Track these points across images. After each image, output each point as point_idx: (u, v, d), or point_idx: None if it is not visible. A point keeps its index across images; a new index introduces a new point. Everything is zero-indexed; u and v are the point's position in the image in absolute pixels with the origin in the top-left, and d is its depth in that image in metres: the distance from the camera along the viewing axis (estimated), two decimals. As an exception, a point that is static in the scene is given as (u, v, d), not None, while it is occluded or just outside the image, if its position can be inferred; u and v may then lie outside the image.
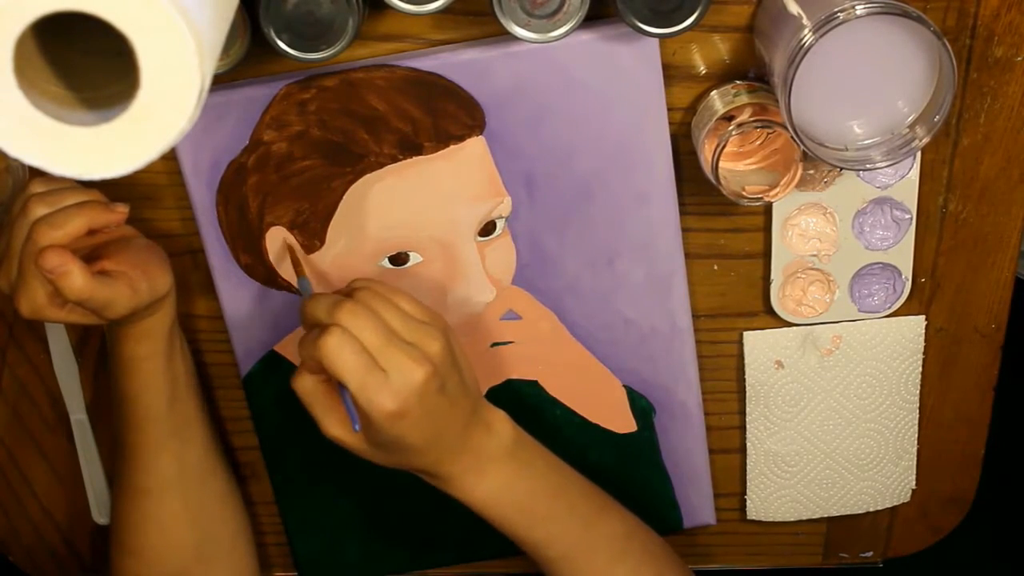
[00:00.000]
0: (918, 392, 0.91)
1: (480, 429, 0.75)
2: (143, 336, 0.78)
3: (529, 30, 0.71)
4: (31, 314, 0.73)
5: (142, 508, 0.85)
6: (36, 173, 0.78)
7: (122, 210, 0.75)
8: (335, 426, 0.72)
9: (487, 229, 0.83)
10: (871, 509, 0.96)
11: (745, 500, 0.96)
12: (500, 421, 0.77)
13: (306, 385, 0.72)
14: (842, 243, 0.84)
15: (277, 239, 0.83)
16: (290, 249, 0.83)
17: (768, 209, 0.83)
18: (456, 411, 0.73)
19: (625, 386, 0.89)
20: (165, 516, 0.85)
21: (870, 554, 1.01)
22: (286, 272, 0.84)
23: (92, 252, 0.75)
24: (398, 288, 0.74)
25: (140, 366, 0.80)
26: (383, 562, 0.96)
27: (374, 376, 0.68)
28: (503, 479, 0.77)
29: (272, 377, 0.88)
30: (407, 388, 0.69)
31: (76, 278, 0.70)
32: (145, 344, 0.79)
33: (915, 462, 0.94)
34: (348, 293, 0.72)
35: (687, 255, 0.85)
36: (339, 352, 0.67)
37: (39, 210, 0.72)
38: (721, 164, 0.75)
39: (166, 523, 0.85)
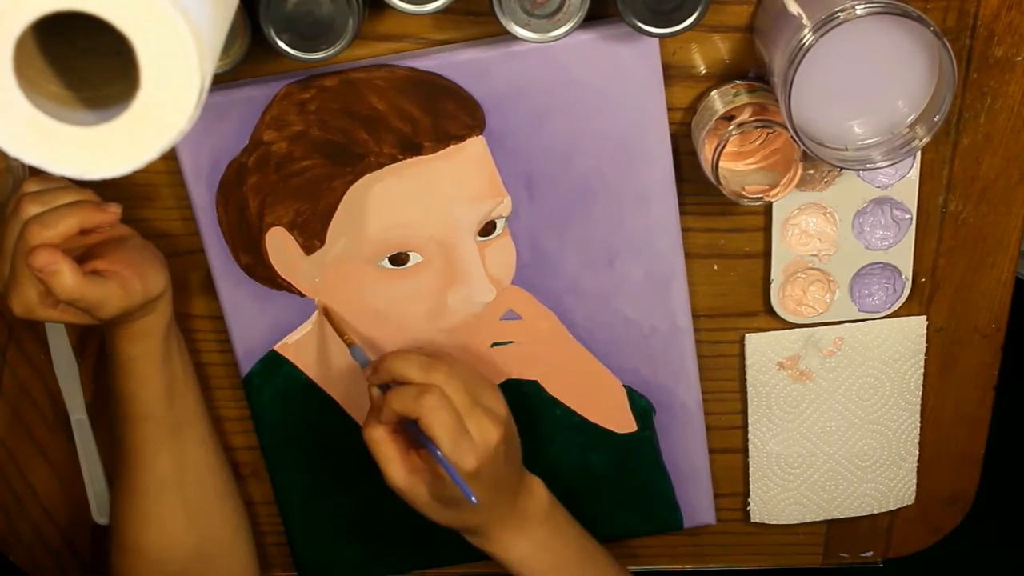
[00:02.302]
0: (920, 393, 0.91)
1: (523, 491, 0.81)
2: (139, 336, 0.78)
3: (529, 30, 0.71)
4: (23, 313, 0.73)
5: (141, 507, 0.85)
6: (36, 173, 0.78)
7: (115, 210, 0.75)
8: (400, 476, 0.76)
9: (487, 229, 0.83)
10: (874, 511, 0.96)
11: (745, 500, 0.96)
12: (538, 485, 0.82)
13: (379, 435, 0.76)
14: (842, 243, 0.84)
15: (277, 239, 0.83)
16: (330, 315, 0.85)
17: (768, 209, 0.83)
18: (512, 473, 0.79)
19: (625, 386, 0.89)
20: (164, 515, 0.85)
21: (870, 554, 1.01)
22: (286, 273, 0.84)
23: (86, 252, 0.75)
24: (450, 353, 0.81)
25: (136, 366, 0.80)
26: (383, 562, 0.96)
27: (464, 437, 0.74)
28: (539, 540, 0.81)
29: (272, 377, 0.88)
30: (487, 449, 0.74)
31: (67, 277, 0.70)
32: (141, 344, 0.79)
33: (916, 464, 0.94)
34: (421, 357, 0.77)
35: (687, 255, 0.85)
36: (439, 412, 0.73)
37: (31, 209, 0.72)
38: (721, 164, 0.75)
39: (165, 522, 0.85)
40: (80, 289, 0.70)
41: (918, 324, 0.88)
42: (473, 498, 0.73)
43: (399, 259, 0.83)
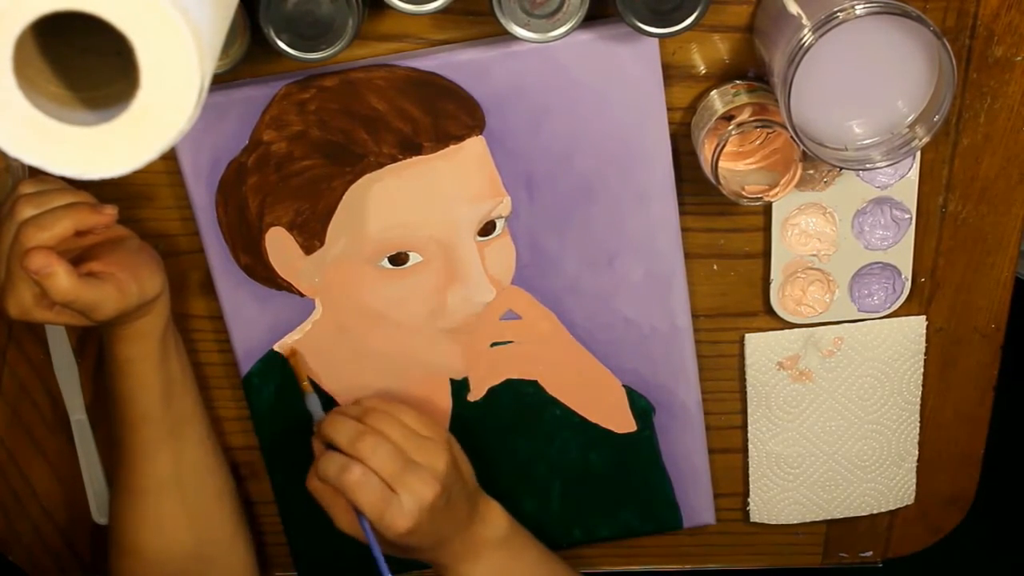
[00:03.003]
0: (920, 393, 0.91)
1: (476, 521, 0.82)
2: (136, 337, 0.78)
3: (529, 30, 0.71)
4: (18, 315, 0.73)
5: (139, 508, 0.85)
6: (36, 173, 0.78)
7: (110, 212, 0.75)
8: (346, 523, 0.79)
9: (487, 229, 0.83)
10: (874, 511, 0.96)
11: (745, 500, 0.96)
12: (494, 511, 0.84)
13: (317, 487, 0.79)
14: (842, 243, 0.84)
15: (277, 239, 0.83)
16: (294, 358, 0.86)
17: (768, 209, 0.83)
18: (458, 513, 0.80)
19: (625, 386, 0.89)
20: (163, 516, 0.85)
21: (870, 554, 1.01)
22: (286, 273, 0.84)
23: (82, 253, 0.75)
24: (399, 402, 0.82)
25: (134, 367, 0.80)
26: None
27: (390, 505, 0.76)
28: (495, 566, 0.83)
29: (272, 377, 0.88)
30: (418, 509, 0.76)
31: (61, 279, 0.70)
32: (138, 345, 0.79)
33: (916, 464, 0.94)
34: (357, 414, 0.79)
35: (687, 255, 0.85)
36: (360, 489, 0.76)
37: (26, 211, 0.72)
38: (721, 164, 0.75)
39: (164, 523, 0.85)
40: (75, 291, 0.70)
41: (918, 324, 0.88)
42: (386, 571, 0.77)
43: (399, 259, 0.83)
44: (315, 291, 0.85)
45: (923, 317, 0.88)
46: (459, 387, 0.89)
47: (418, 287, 0.84)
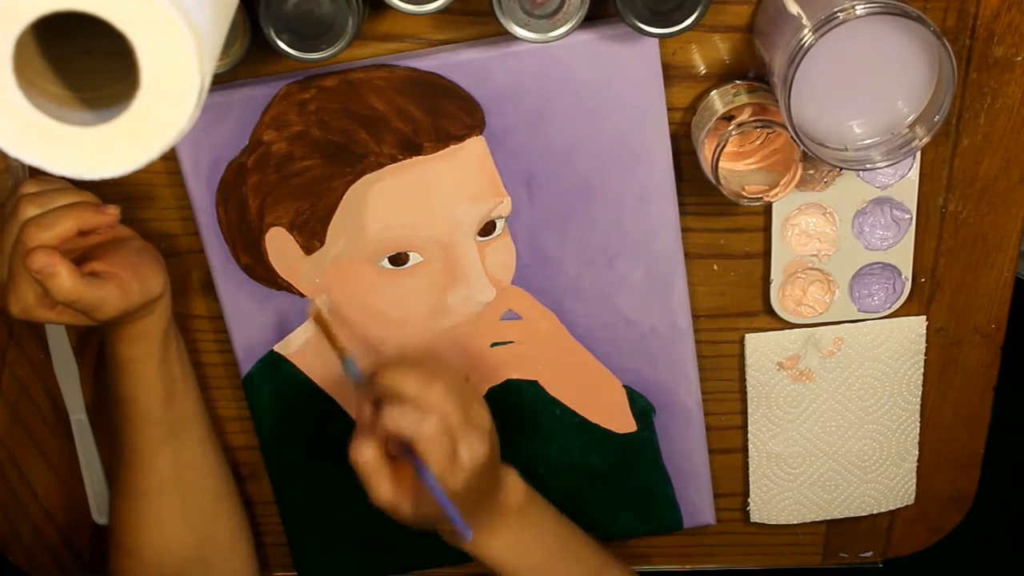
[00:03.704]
0: (920, 393, 0.91)
1: (500, 487, 0.79)
2: (137, 337, 0.78)
3: (529, 30, 0.71)
4: (21, 314, 0.73)
5: (140, 508, 0.85)
6: (36, 173, 0.78)
7: (112, 212, 0.75)
8: (387, 494, 0.74)
9: (487, 229, 0.83)
10: (874, 511, 0.96)
11: (745, 500, 0.96)
12: (512, 477, 0.81)
13: (369, 455, 0.74)
14: (842, 243, 0.84)
15: (277, 239, 0.83)
16: (324, 323, 0.82)
17: (768, 209, 0.83)
18: (491, 476, 0.78)
19: (625, 386, 0.89)
20: (163, 516, 0.85)
21: (870, 554, 1.01)
22: (286, 273, 0.84)
23: (85, 253, 0.75)
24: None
25: (135, 367, 0.80)
26: (383, 562, 0.96)
27: (453, 461, 0.73)
28: (515, 533, 0.80)
29: (272, 377, 0.88)
30: (474, 469, 0.74)
31: (64, 279, 0.70)
32: (139, 345, 0.79)
33: (916, 464, 0.94)
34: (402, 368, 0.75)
35: (687, 255, 0.85)
36: (438, 440, 0.72)
37: (29, 211, 0.72)
38: (721, 164, 0.75)
39: (164, 523, 0.85)
40: (77, 291, 0.70)
41: (918, 324, 0.88)
42: (469, 533, 0.73)
43: (399, 259, 0.83)
44: (315, 291, 0.85)
45: (923, 317, 0.88)
46: (459, 387, 0.89)
47: (418, 287, 0.84)
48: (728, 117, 0.76)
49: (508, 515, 0.80)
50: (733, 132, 0.75)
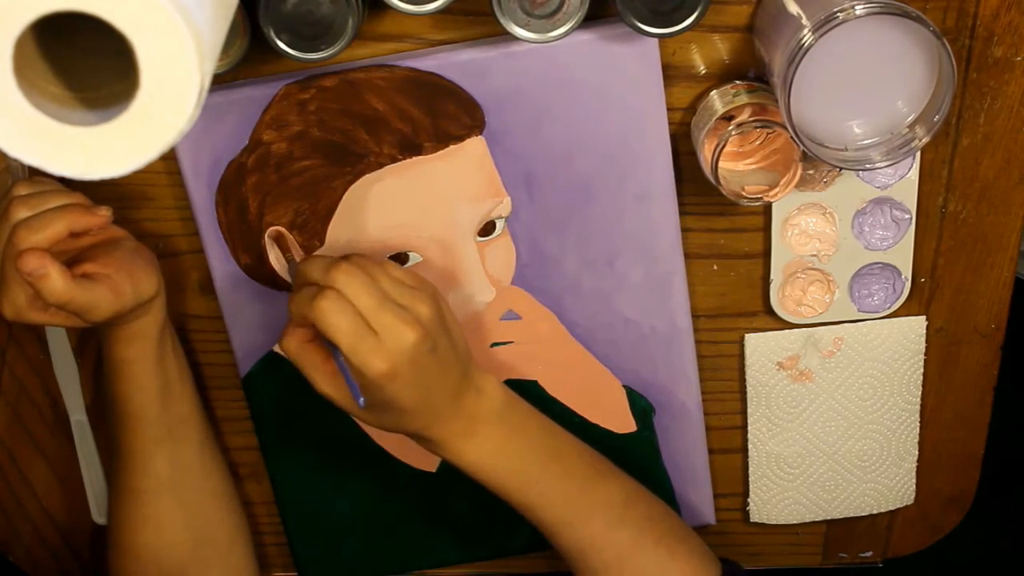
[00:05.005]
0: (919, 393, 0.91)
1: (471, 393, 0.76)
2: (132, 338, 0.78)
3: (529, 30, 0.71)
4: (13, 317, 0.73)
5: (138, 509, 0.85)
6: (36, 173, 0.78)
7: (104, 213, 0.75)
8: (327, 384, 0.72)
9: (487, 229, 0.83)
10: (874, 511, 0.96)
11: (745, 500, 0.96)
12: (490, 384, 0.77)
13: (294, 346, 0.71)
14: (842, 243, 0.84)
15: (274, 240, 0.83)
16: (281, 235, 0.81)
17: (768, 209, 0.83)
18: (447, 374, 0.73)
19: (625, 386, 0.89)
20: (161, 516, 0.85)
21: (870, 554, 1.01)
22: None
23: (77, 255, 0.75)
24: (388, 260, 0.74)
25: (130, 368, 0.80)
26: (383, 562, 0.96)
27: (367, 338, 0.68)
28: (494, 442, 0.77)
29: (272, 377, 0.88)
30: (398, 349, 0.69)
31: (55, 281, 0.70)
32: (135, 346, 0.79)
33: (916, 464, 0.94)
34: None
35: (687, 255, 0.85)
36: (333, 314, 0.68)
37: (20, 213, 0.72)
38: (721, 164, 0.75)
39: (162, 523, 0.85)
40: (69, 293, 0.70)
41: (918, 324, 0.88)
42: (361, 399, 0.69)
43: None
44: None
45: (923, 317, 0.88)
46: (459, 387, 0.89)
47: (418, 287, 0.84)
48: (728, 117, 0.76)
49: (483, 422, 0.76)
50: (733, 132, 0.75)
